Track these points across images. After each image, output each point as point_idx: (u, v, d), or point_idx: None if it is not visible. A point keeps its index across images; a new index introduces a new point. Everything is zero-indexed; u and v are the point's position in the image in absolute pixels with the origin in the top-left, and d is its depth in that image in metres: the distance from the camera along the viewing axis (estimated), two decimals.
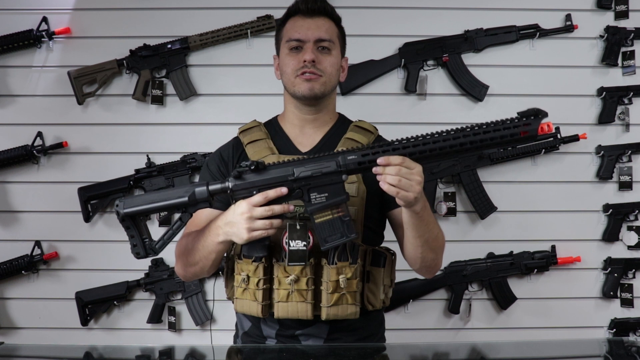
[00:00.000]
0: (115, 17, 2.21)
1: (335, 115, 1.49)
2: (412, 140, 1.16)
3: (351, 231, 1.21)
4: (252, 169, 1.21)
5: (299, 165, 1.21)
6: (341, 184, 1.21)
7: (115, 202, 1.25)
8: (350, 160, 1.19)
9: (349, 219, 1.21)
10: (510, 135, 1.11)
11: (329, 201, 1.20)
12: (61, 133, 2.21)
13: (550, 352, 1.46)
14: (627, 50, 2.22)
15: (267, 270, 1.31)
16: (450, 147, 1.14)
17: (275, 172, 1.22)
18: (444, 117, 2.22)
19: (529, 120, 1.10)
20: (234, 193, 1.23)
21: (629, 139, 2.24)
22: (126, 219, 1.23)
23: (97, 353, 1.43)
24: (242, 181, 1.22)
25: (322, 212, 1.21)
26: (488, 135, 1.12)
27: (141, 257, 1.26)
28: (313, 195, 1.21)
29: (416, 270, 1.39)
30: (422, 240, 1.28)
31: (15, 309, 2.23)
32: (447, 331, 2.25)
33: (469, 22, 2.22)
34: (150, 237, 1.26)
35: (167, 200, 1.23)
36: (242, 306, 1.34)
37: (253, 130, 1.45)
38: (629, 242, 2.24)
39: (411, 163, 1.15)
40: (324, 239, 1.22)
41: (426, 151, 1.15)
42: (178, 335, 2.24)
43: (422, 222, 1.24)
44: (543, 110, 1.11)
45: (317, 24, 1.39)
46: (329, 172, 1.20)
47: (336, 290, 1.28)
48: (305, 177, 1.20)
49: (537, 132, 1.10)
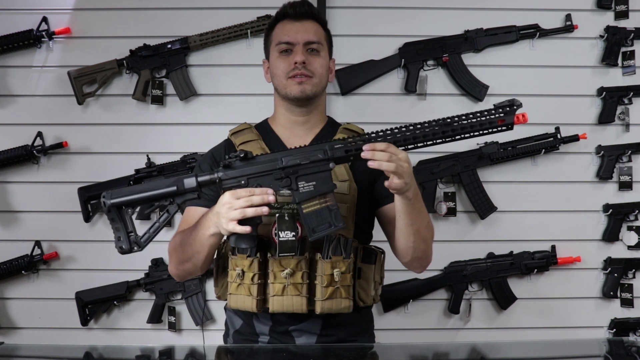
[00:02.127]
0: (115, 17, 2.21)
1: (325, 118, 1.53)
2: (397, 130, 1.22)
3: (339, 221, 1.22)
4: (241, 157, 1.23)
5: (287, 154, 1.24)
6: (328, 173, 1.23)
7: (102, 193, 1.23)
8: (337, 148, 1.22)
9: (336, 209, 1.23)
10: (489, 124, 1.19)
11: (317, 189, 1.22)
12: (61, 133, 2.21)
13: (550, 352, 1.46)
14: (627, 50, 2.22)
15: (262, 265, 1.32)
16: (433, 135, 1.21)
17: (263, 161, 1.24)
18: (444, 116, 2.22)
19: (504, 110, 1.19)
20: (223, 183, 1.24)
21: (629, 139, 2.24)
22: (112, 209, 1.22)
23: (97, 353, 1.43)
24: (231, 170, 1.24)
25: (310, 201, 1.23)
26: (469, 124, 1.20)
27: (125, 252, 1.24)
28: (301, 183, 1.23)
29: (407, 263, 1.40)
30: (414, 228, 1.29)
31: (15, 309, 2.23)
32: (447, 331, 2.25)
33: (469, 22, 2.23)
34: (135, 231, 1.25)
35: (155, 190, 1.23)
36: (237, 302, 1.35)
37: (244, 132, 1.47)
38: (629, 242, 2.24)
39: (396, 149, 1.18)
40: (312, 229, 1.23)
41: (410, 138, 1.21)
42: (178, 335, 2.24)
43: (414, 209, 1.26)
44: (518, 101, 1.19)
45: (306, 27, 1.43)
46: (317, 160, 1.22)
47: (330, 284, 1.30)
48: (293, 165, 1.22)
49: (513, 120, 1.19)
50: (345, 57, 2.16)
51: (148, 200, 1.24)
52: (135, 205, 1.25)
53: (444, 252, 2.20)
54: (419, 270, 1.44)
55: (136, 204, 1.24)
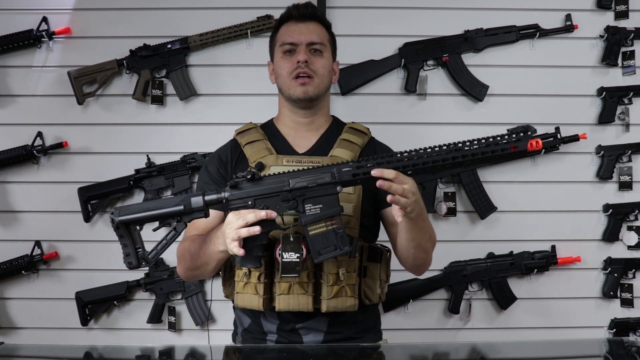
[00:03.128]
0: (115, 17, 2.21)
1: (330, 118, 1.53)
2: (406, 154, 1.20)
3: (344, 244, 1.24)
4: (249, 178, 1.23)
5: (294, 176, 1.23)
6: (336, 196, 1.23)
7: (111, 210, 1.25)
8: (345, 171, 1.21)
9: (342, 232, 1.24)
10: (501, 150, 1.15)
11: (324, 212, 1.23)
12: (61, 133, 2.21)
13: (550, 352, 1.46)
14: (627, 50, 2.22)
15: (268, 264, 1.34)
16: (443, 162, 1.18)
17: (270, 182, 1.24)
18: (444, 117, 2.22)
19: (518, 137, 1.15)
20: (229, 203, 1.24)
21: (629, 139, 2.24)
22: (120, 227, 1.24)
23: (97, 353, 1.43)
24: (238, 191, 1.24)
25: (316, 224, 1.23)
26: (480, 150, 1.16)
27: (133, 268, 1.26)
28: (308, 206, 1.23)
29: (407, 268, 1.44)
30: (415, 242, 1.32)
31: (15, 309, 2.23)
32: (447, 331, 2.25)
33: (469, 22, 2.22)
34: (143, 247, 1.27)
35: (162, 209, 1.24)
36: (243, 300, 1.37)
37: (250, 132, 1.48)
38: (629, 242, 2.24)
39: (404, 178, 1.18)
40: (318, 251, 1.24)
41: (419, 164, 1.19)
42: (178, 335, 2.24)
43: (415, 227, 1.28)
44: (532, 127, 1.16)
45: (309, 28, 1.45)
46: (324, 183, 1.22)
47: (336, 282, 1.33)
48: (300, 188, 1.22)
49: (526, 147, 1.15)
50: (345, 57, 2.15)
51: (155, 219, 1.25)
52: (143, 223, 1.26)
53: (444, 252, 2.20)
54: (419, 274, 1.48)
55: (144, 222, 1.26)
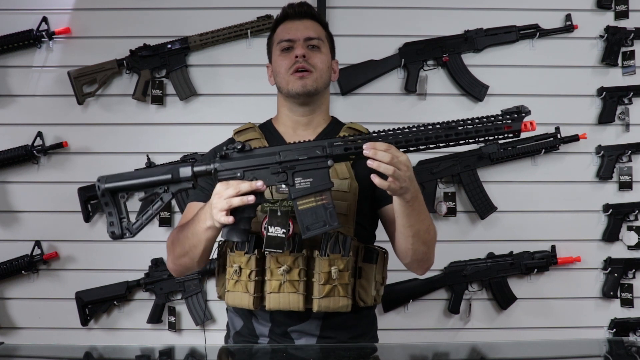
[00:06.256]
0: (115, 17, 2.21)
1: (329, 118, 1.53)
2: (398, 130, 1.19)
3: (334, 220, 1.20)
4: (239, 149, 1.22)
5: (285, 149, 1.22)
6: (326, 170, 1.20)
7: (98, 177, 1.23)
8: (336, 146, 1.19)
9: (332, 208, 1.20)
10: (495, 129, 1.15)
11: (313, 186, 1.20)
12: (61, 133, 2.21)
13: (550, 352, 1.46)
14: (627, 50, 2.22)
15: (259, 262, 1.32)
16: (436, 139, 1.17)
17: (260, 154, 1.22)
18: (444, 117, 2.17)
19: (512, 117, 1.15)
20: (218, 174, 1.22)
21: (629, 139, 2.24)
22: (106, 194, 1.21)
23: (97, 353, 1.43)
24: (227, 161, 1.22)
25: (306, 198, 1.20)
26: (474, 129, 1.16)
27: (116, 237, 1.23)
28: (298, 179, 1.21)
29: (407, 264, 1.38)
30: (413, 230, 1.28)
31: (15, 309, 2.23)
32: (447, 331, 2.25)
33: (469, 22, 2.22)
34: (128, 217, 1.24)
35: (150, 177, 1.22)
36: (234, 299, 1.35)
37: (248, 131, 1.48)
38: (629, 242, 2.24)
39: (397, 152, 1.16)
40: (306, 226, 1.20)
41: (412, 140, 1.17)
42: (178, 335, 2.24)
43: (413, 211, 1.24)
44: (526, 107, 1.15)
45: (305, 25, 1.45)
46: (315, 156, 1.20)
47: (328, 281, 1.29)
48: (291, 160, 1.20)
49: (520, 127, 1.15)
50: (345, 57, 2.15)
51: (142, 187, 1.23)
52: (130, 191, 1.24)
53: (444, 252, 2.20)
54: (420, 273, 1.43)
55: (130, 190, 1.24)
